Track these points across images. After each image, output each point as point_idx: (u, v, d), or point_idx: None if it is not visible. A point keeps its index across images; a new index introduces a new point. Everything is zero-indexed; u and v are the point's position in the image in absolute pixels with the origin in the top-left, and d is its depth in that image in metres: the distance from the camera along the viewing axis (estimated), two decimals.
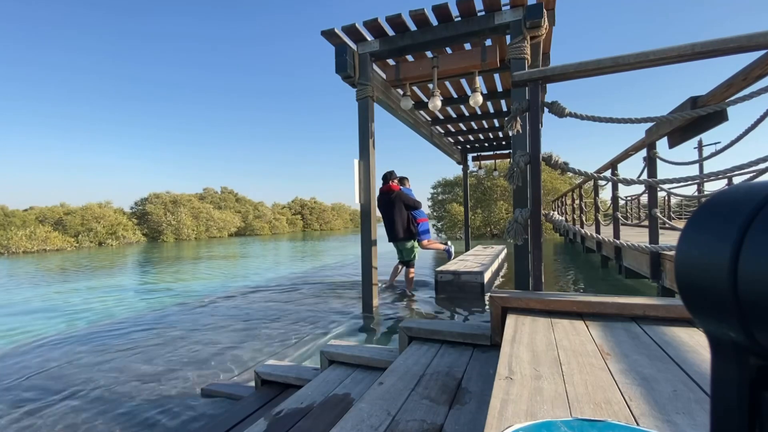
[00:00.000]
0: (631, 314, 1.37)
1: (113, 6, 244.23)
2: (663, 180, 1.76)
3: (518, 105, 1.76)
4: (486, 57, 3.66)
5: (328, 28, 3.46)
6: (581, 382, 0.89)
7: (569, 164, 1.68)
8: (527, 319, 1.39)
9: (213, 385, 2.25)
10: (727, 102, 1.56)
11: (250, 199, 36.53)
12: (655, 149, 2.94)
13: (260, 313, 4.05)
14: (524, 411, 0.76)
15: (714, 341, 0.19)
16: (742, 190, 0.18)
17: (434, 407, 1.26)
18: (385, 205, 4.53)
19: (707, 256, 0.17)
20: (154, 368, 2.62)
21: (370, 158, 3.75)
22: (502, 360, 1.02)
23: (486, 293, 4.21)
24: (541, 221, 1.71)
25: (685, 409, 0.76)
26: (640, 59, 1.54)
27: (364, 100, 3.75)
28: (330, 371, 1.94)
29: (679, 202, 12.57)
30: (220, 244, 19.38)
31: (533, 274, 1.69)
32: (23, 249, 17.51)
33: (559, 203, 11.95)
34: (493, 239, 16.19)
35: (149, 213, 25.33)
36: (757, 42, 1.39)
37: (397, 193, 4.50)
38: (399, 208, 4.48)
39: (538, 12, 3.04)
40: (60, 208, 23.10)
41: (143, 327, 3.70)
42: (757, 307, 0.15)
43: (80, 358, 2.90)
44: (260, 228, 32.45)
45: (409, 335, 1.86)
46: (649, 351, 1.07)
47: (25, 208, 23.39)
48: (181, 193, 28.40)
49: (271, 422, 1.52)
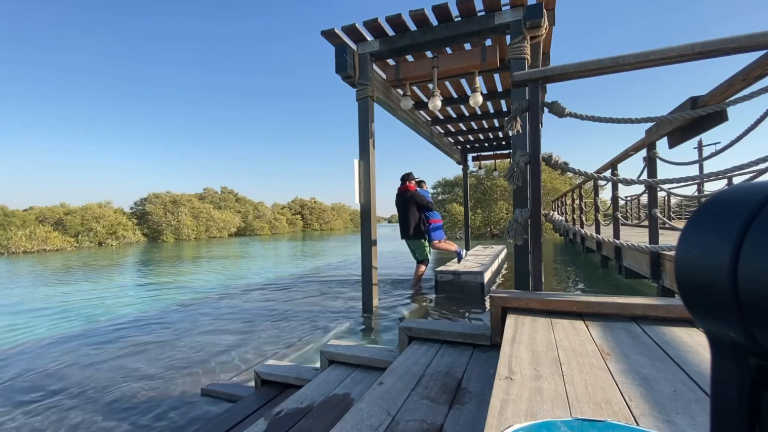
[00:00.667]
0: (631, 314, 1.37)
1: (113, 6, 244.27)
2: (663, 180, 1.76)
3: (518, 105, 1.76)
4: (486, 57, 3.66)
5: (328, 28, 3.46)
6: (581, 382, 0.89)
7: (569, 164, 1.68)
8: (527, 319, 1.39)
9: (213, 385, 2.24)
10: (727, 102, 1.56)
11: (250, 199, 36.56)
12: (655, 149, 2.94)
13: (260, 313, 4.05)
14: (524, 411, 0.76)
15: (714, 341, 0.19)
16: (742, 190, 0.18)
17: (434, 407, 1.26)
18: (400, 203, 4.79)
19: (707, 256, 0.17)
20: (154, 368, 2.62)
21: (370, 158, 3.75)
22: (502, 360, 1.02)
23: (486, 293, 4.21)
24: (541, 221, 1.71)
25: (685, 409, 0.76)
26: (640, 59, 1.54)
27: (364, 100, 3.75)
28: (330, 371, 1.94)
29: (679, 202, 12.57)
30: (220, 244, 19.39)
31: (533, 274, 1.69)
32: (23, 249, 17.50)
33: (559, 203, 11.95)
34: (493, 239, 16.20)
35: (149, 213, 25.33)
36: (757, 42, 1.39)
37: (412, 194, 4.72)
38: (412, 208, 4.69)
39: (538, 12, 3.03)
40: (60, 208, 23.10)
41: (143, 326, 3.70)
42: (757, 307, 0.15)
43: (80, 357, 2.90)
44: (260, 228, 32.46)
45: (409, 335, 1.86)
46: (649, 351, 1.07)
47: (25, 208, 23.41)
48: (181, 193, 28.40)
49: (271, 422, 1.52)
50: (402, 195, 4.77)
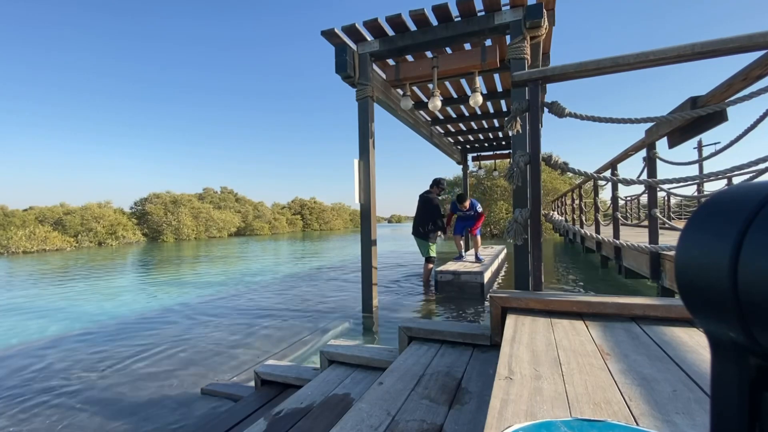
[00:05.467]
0: (630, 314, 1.37)
1: (114, 6, 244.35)
2: (663, 180, 1.76)
3: (518, 105, 1.76)
4: (486, 57, 3.66)
5: (328, 28, 3.46)
6: (581, 382, 0.89)
7: (569, 164, 1.68)
8: (527, 319, 1.39)
9: (213, 385, 2.24)
10: (726, 102, 1.56)
11: (250, 199, 36.54)
12: (654, 149, 2.94)
13: (260, 313, 4.05)
14: (524, 411, 0.76)
15: (714, 341, 0.19)
16: (742, 190, 0.17)
17: (434, 407, 1.26)
18: (423, 204, 5.01)
19: (707, 256, 0.17)
20: (154, 367, 2.62)
21: (370, 158, 3.75)
22: (501, 360, 1.02)
23: (486, 293, 4.21)
24: (541, 221, 1.71)
25: (684, 409, 0.76)
26: (640, 59, 1.54)
27: (364, 100, 3.75)
28: (330, 371, 1.94)
29: (678, 202, 12.57)
30: (219, 244, 19.38)
31: (533, 274, 1.69)
32: (23, 249, 17.49)
33: (558, 203, 11.95)
34: (493, 239, 16.19)
35: (149, 213, 25.32)
36: (757, 42, 1.39)
37: (428, 197, 4.99)
38: (424, 210, 4.96)
39: (538, 12, 3.03)
40: (60, 208, 23.08)
41: (143, 326, 3.70)
42: (757, 307, 0.15)
43: (80, 357, 2.90)
44: (260, 228, 32.45)
45: (408, 335, 1.86)
46: (648, 351, 1.07)
47: (24, 208, 23.39)
48: (181, 193, 28.38)
49: (271, 422, 1.52)
50: (422, 195, 5.03)
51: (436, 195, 5.04)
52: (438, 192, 5.09)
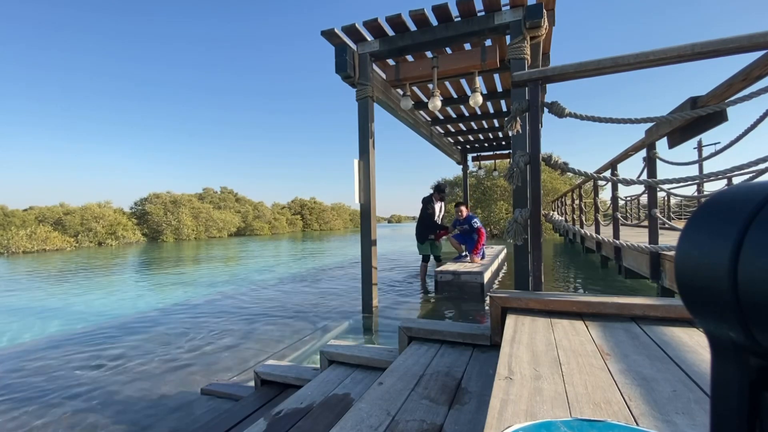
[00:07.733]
0: (630, 314, 1.37)
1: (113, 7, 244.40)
2: (663, 180, 1.76)
3: (518, 105, 1.76)
4: (486, 57, 3.66)
5: (328, 29, 3.46)
6: (581, 382, 0.89)
7: (569, 164, 1.68)
8: (527, 320, 1.39)
9: (213, 385, 2.24)
10: (726, 102, 1.56)
11: (250, 199, 36.57)
12: (654, 149, 2.94)
13: (260, 313, 4.05)
14: (524, 411, 0.76)
15: (714, 341, 0.19)
16: (742, 190, 0.17)
17: (434, 407, 1.26)
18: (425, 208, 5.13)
19: (707, 256, 0.17)
20: (154, 367, 2.62)
21: (370, 158, 3.75)
22: (501, 360, 1.02)
23: (486, 293, 4.21)
24: (541, 221, 1.71)
25: (684, 409, 0.76)
26: (640, 59, 1.54)
27: (364, 100, 3.75)
28: (330, 371, 1.94)
29: (678, 202, 12.58)
30: (219, 244, 19.38)
31: (533, 274, 1.69)
32: (23, 249, 17.50)
33: (558, 203, 11.95)
34: (493, 239, 16.18)
35: (149, 213, 25.33)
36: (757, 42, 1.39)
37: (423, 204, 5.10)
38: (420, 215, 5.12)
39: (538, 12, 3.03)
40: (60, 208, 23.08)
41: (143, 326, 3.69)
42: (757, 307, 0.15)
43: (80, 357, 2.90)
44: (260, 228, 32.45)
45: (408, 335, 1.86)
46: (648, 351, 1.07)
47: (24, 208, 23.39)
48: (181, 193, 28.40)
49: (271, 422, 1.52)
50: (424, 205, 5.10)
51: (436, 200, 5.05)
52: (438, 198, 5.08)
